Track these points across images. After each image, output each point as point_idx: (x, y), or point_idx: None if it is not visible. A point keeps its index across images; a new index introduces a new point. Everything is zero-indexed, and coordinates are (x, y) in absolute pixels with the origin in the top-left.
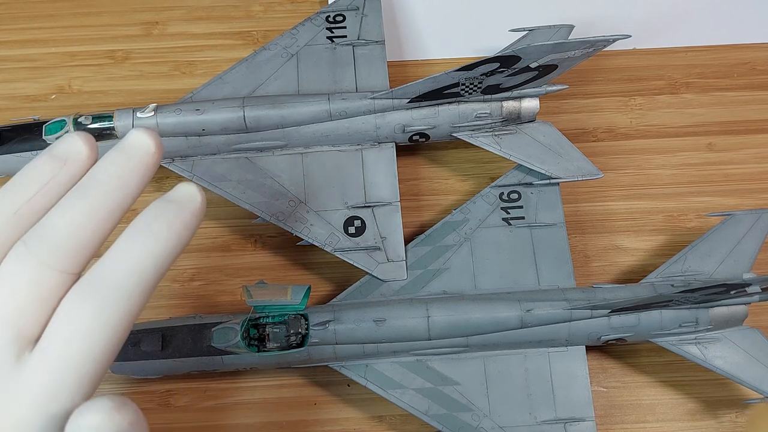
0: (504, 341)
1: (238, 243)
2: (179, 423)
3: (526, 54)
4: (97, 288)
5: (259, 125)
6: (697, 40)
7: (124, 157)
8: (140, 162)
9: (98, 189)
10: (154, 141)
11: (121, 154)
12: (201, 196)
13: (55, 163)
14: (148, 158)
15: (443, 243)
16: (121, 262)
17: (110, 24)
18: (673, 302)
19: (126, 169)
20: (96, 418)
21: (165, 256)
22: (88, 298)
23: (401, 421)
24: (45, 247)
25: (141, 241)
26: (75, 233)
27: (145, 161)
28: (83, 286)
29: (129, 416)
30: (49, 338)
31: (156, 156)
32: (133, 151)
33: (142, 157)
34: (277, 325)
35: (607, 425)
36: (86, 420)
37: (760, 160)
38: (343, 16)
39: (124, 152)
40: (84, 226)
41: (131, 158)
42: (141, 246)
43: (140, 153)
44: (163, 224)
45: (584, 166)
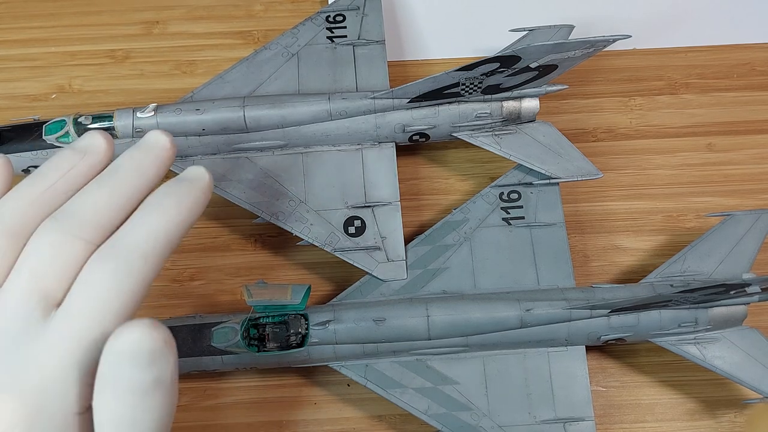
0: (504, 341)
1: (238, 243)
2: (179, 423)
3: (526, 54)
4: (114, 252)
5: (260, 125)
6: (697, 40)
7: (142, 152)
8: (156, 156)
9: (119, 176)
10: (169, 138)
11: (140, 149)
12: (209, 175)
13: (76, 154)
14: (164, 153)
15: (443, 243)
16: (137, 230)
17: (110, 23)
18: (672, 302)
19: (143, 162)
20: (134, 335)
21: (176, 227)
22: (107, 259)
23: (401, 420)
24: (70, 220)
25: (152, 214)
26: (98, 211)
27: (161, 155)
28: (102, 251)
29: (164, 335)
30: (73, 296)
31: (170, 151)
32: (149, 146)
33: (158, 151)
34: (277, 325)
35: (606, 425)
36: (125, 337)
37: (760, 161)
38: (343, 16)
39: (142, 148)
40: (106, 205)
41: (148, 153)
42: (152, 218)
43: (156, 148)
44: (174, 199)
45: (584, 166)
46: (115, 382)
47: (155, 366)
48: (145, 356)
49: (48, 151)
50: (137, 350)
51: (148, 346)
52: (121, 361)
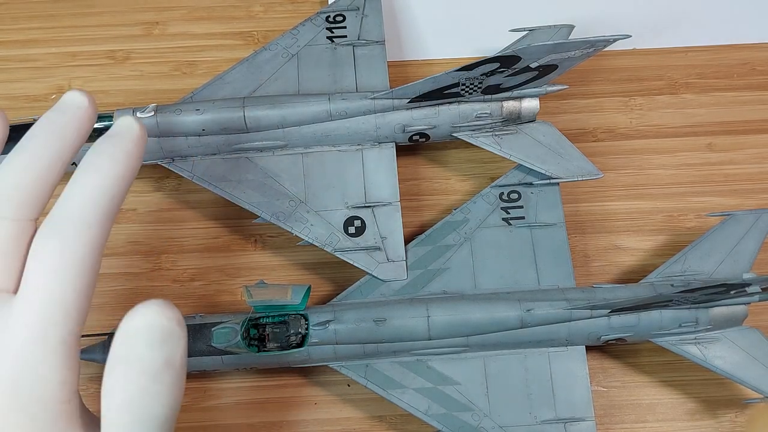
0: (504, 341)
1: (238, 243)
2: (179, 423)
3: (526, 54)
4: (58, 226)
5: (260, 125)
6: (697, 40)
7: (57, 113)
8: (74, 116)
9: (35, 142)
10: (87, 97)
11: (55, 111)
12: (138, 124)
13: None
14: (81, 112)
15: (443, 243)
16: (75, 198)
17: (111, 24)
18: (672, 302)
19: (60, 124)
20: (149, 313)
21: (115, 187)
22: (51, 235)
23: (401, 421)
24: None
25: (88, 177)
26: (20, 184)
27: (79, 115)
28: (44, 228)
29: (177, 315)
30: (26, 282)
31: (89, 110)
32: (66, 107)
33: (75, 111)
34: (277, 325)
35: (606, 425)
36: (140, 315)
37: (760, 160)
38: (343, 16)
39: (58, 109)
40: (27, 176)
41: (64, 113)
42: (89, 180)
43: (73, 107)
44: (106, 157)
45: (584, 166)
46: (127, 362)
47: (167, 346)
48: (158, 334)
49: None
50: (151, 328)
51: (161, 324)
52: (134, 339)
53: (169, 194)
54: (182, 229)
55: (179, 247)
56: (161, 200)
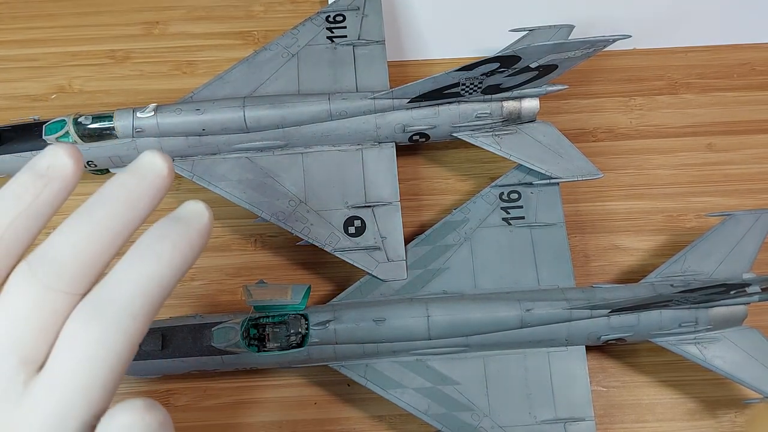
0: (504, 341)
1: (238, 243)
2: (179, 423)
3: (526, 54)
4: (101, 311)
5: (260, 125)
6: (697, 40)
7: (134, 178)
8: (151, 184)
9: (105, 210)
10: (167, 164)
11: (132, 175)
12: (208, 214)
13: (37, 181)
14: (160, 181)
15: (443, 243)
16: (125, 284)
17: (111, 24)
18: (672, 302)
19: (135, 191)
20: (128, 417)
21: (170, 277)
22: (92, 321)
23: (401, 420)
24: (48, 269)
25: (145, 263)
26: (79, 255)
27: (156, 184)
28: (87, 308)
29: (159, 417)
30: (55, 363)
31: (167, 180)
32: (144, 172)
33: (154, 179)
34: (277, 325)
35: (606, 425)
36: (118, 420)
37: (760, 160)
38: (343, 16)
39: (135, 173)
40: (89, 247)
41: (142, 180)
42: (145, 267)
43: (152, 175)
44: (167, 245)
45: (584, 166)
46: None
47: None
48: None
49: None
50: (131, 429)
51: (140, 430)
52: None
53: (169, 194)
54: None
55: None
56: None
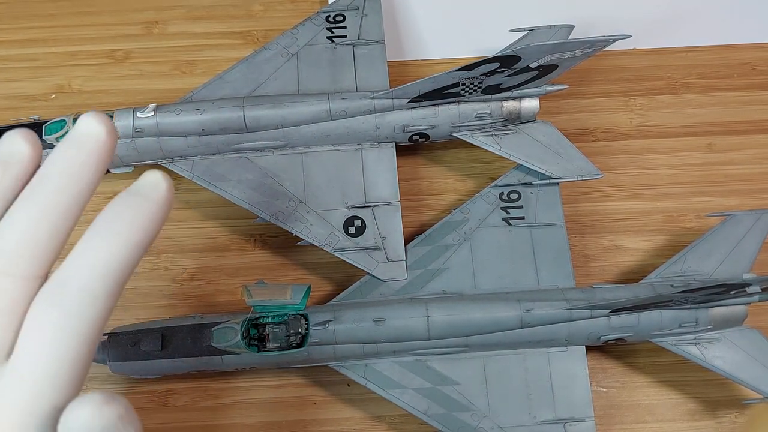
0: (504, 341)
1: (238, 243)
2: (179, 423)
3: (526, 54)
4: (62, 293)
5: (259, 125)
6: (697, 40)
7: (73, 148)
8: (92, 151)
9: (49, 187)
10: (105, 126)
11: (71, 144)
12: (166, 184)
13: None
14: (100, 146)
15: (443, 243)
16: (85, 265)
17: (110, 23)
18: (672, 302)
19: (77, 162)
20: (86, 411)
21: (131, 254)
22: (53, 306)
23: (401, 421)
24: (1, 256)
25: (103, 242)
26: (31, 238)
27: (97, 150)
28: (47, 293)
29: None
30: (21, 349)
31: (108, 143)
32: (82, 139)
33: (94, 145)
34: (277, 325)
35: (606, 425)
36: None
37: (760, 160)
38: (343, 16)
39: (73, 142)
40: (39, 229)
41: (81, 148)
42: (104, 246)
43: (91, 141)
44: (126, 221)
45: (584, 166)
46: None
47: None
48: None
49: (48, 152)
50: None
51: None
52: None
53: None
54: (182, 229)
55: (178, 246)
56: None
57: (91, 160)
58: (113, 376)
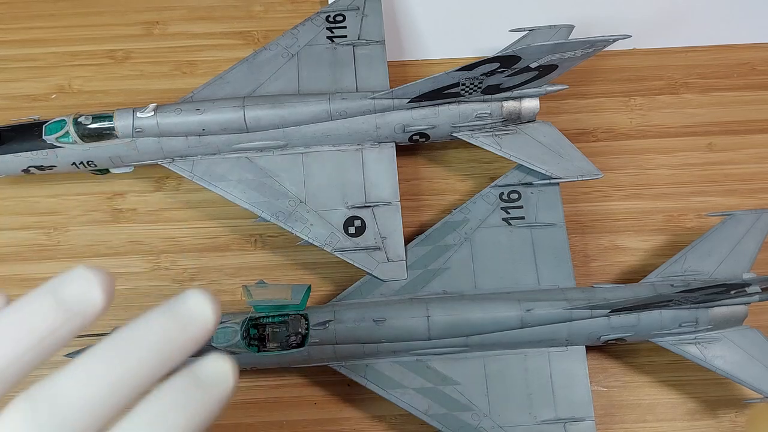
0: (504, 341)
1: (238, 243)
2: None
3: (526, 54)
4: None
5: (260, 125)
6: (697, 40)
7: (176, 324)
8: (194, 335)
9: (133, 354)
10: (215, 314)
11: (174, 319)
12: (233, 378)
13: (59, 312)
14: (204, 333)
15: (443, 243)
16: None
17: (111, 24)
18: (672, 302)
19: (174, 339)
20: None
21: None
22: None
23: (401, 420)
24: (51, 413)
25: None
26: (92, 409)
27: (199, 336)
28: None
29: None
30: None
31: (212, 330)
32: (189, 317)
33: (197, 329)
34: (277, 325)
35: (607, 425)
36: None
37: (760, 160)
38: (343, 16)
39: (178, 318)
40: (103, 395)
41: (185, 328)
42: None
43: (197, 324)
44: (182, 416)
45: (584, 166)
46: None
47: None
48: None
49: (48, 151)
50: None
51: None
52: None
53: (169, 194)
54: (182, 229)
55: (179, 246)
56: (161, 200)
57: (186, 345)
58: None
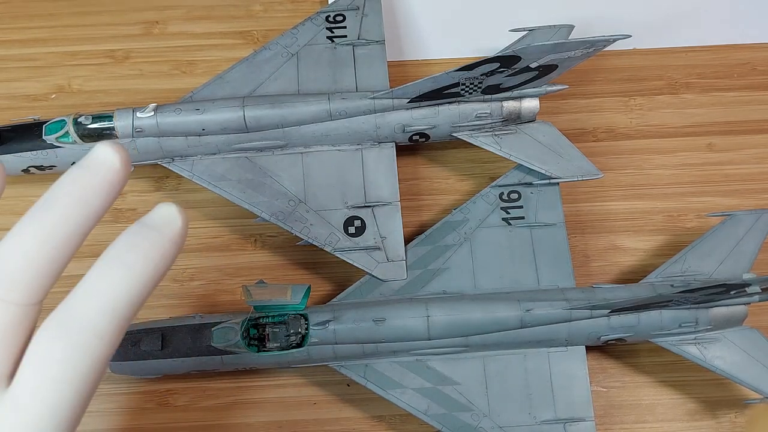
0: (504, 341)
1: (238, 243)
2: (179, 422)
3: (526, 54)
4: (66, 330)
5: (259, 125)
6: (697, 40)
7: (86, 174)
8: (104, 179)
9: (55, 211)
10: (120, 155)
11: (83, 170)
12: (182, 220)
13: (81, 170)
14: (113, 174)
15: (443, 243)
16: (92, 300)
17: (110, 23)
18: (672, 302)
19: (87, 188)
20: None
21: (140, 291)
22: (56, 340)
23: (401, 420)
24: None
25: (113, 275)
26: (31, 262)
27: (110, 178)
28: (51, 326)
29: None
30: (22, 379)
31: (121, 172)
32: (96, 166)
33: (107, 174)
34: (277, 325)
35: (606, 425)
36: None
37: (760, 160)
38: (343, 16)
39: (87, 168)
40: (41, 253)
41: (94, 175)
42: (113, 280)
43: (104, 169)
44: (138, 255)
45: (584, 166)
46: None
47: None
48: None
49: (48, 151)
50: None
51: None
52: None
53: (169, 194)
54: None
55: None
56: (161, 200)
57: (101, 187)
58: (113, 376)
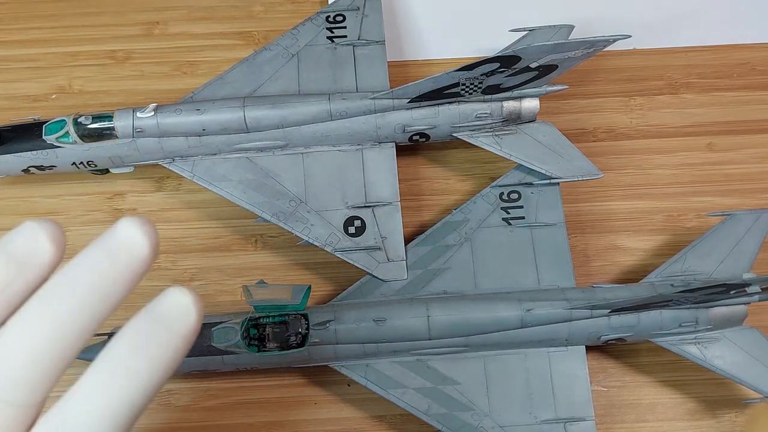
0: (504, 341)
1: (239, 243)
2: (180, 423)
3: (526, 54)
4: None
5: (260, 125)
6: (697, 40)
7: (107, 259)
8: (128, 268)
9: (70, 301)
10: (149, 240)
11: (106, 256)
12: (196, 313)
13: (10, 267)
14: (139, 264)
15: (443, 243)
16: (91, 407)
17: (111, 24)
18: (672, 302)
19: (108, 278)
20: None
21: (144, 397)
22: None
23: (401, 420)
24: (1, 381)
25: (116, 381)
26: (38, 361)
27: (135, 267)
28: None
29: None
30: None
31: (149, 260)
32: (121, 251)
33: (132, 261)
34: (277, 325)
35: (607, 425)
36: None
37: (760, 160)
38: (343, 16)
39: (110, 252)
40: (49, 351)
41: (116, 261)
42: (115, 387)
43: (130, 257)
44: (144, 360)
45: (584, 166)
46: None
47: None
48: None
49: (48, 151)
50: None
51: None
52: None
53: (169, 194)
54: (182, 229)
55: (179, 247)
56: (161, 200)
57: (124, 278)
58: None
